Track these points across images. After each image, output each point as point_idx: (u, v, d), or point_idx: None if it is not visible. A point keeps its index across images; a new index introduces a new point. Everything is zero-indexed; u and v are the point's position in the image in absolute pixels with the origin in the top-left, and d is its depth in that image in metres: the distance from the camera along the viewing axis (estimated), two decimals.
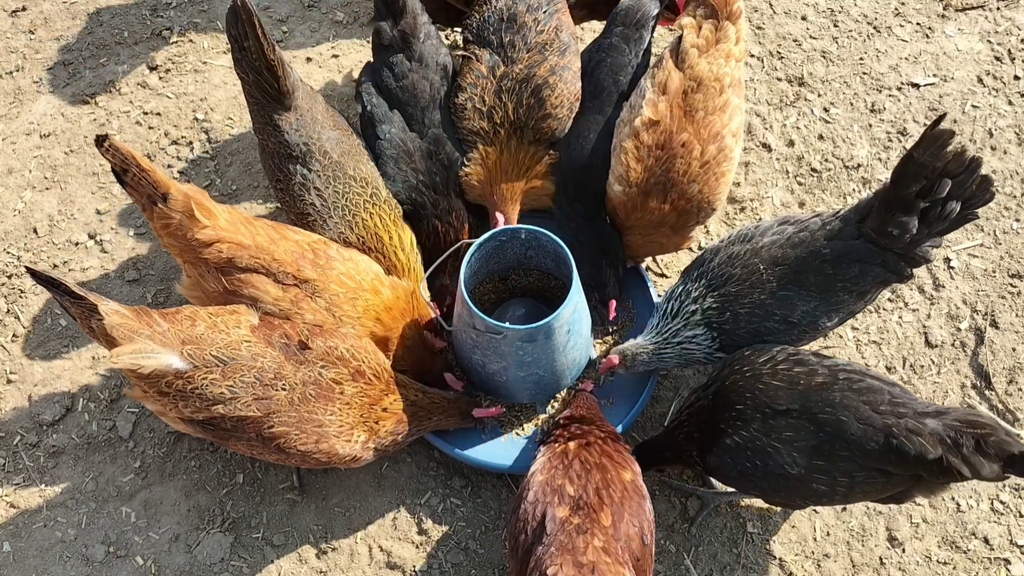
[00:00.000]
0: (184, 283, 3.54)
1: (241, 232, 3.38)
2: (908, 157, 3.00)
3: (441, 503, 3.72)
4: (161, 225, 3.38)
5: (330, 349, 3.26)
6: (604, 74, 3.82)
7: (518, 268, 3.92)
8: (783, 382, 3.09)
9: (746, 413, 3.11)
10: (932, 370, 3.97)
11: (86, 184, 4.43)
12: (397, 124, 3.84)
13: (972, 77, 4.59)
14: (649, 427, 3.87)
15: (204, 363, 3.13)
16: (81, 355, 4.02)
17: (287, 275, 3.37)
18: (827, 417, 2.99)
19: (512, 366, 3.55)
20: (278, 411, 3.16)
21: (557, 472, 3.08)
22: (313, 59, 4.72)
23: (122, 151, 3.30)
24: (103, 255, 4.26)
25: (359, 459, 3.35)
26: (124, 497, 3.74)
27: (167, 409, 3.19)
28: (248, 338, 3.20)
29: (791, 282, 3.27)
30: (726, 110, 3.59)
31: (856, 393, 3.00)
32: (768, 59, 4.64)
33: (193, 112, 4.59)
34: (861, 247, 3.19)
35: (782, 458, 3.04)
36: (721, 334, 3.41)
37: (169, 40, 4.78)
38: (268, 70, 3.48)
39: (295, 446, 3.20)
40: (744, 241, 3.41)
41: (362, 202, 3.67)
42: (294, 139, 3.61)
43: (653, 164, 3.59)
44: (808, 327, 3.34)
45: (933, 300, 4.11)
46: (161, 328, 3.15)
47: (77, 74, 4.71)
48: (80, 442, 3.85)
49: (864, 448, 2.94)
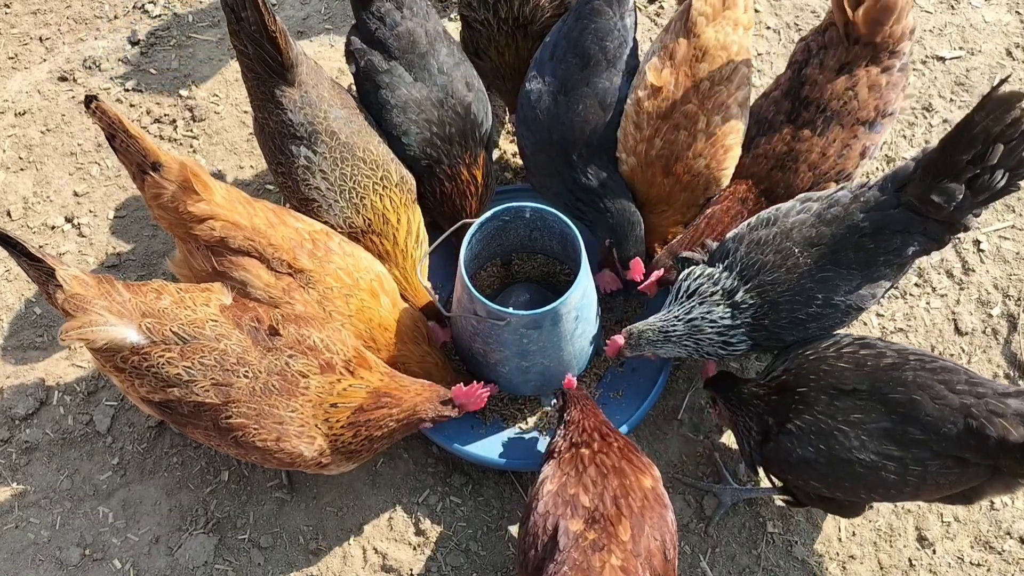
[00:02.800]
0: (175, 259, 3.37)
1: (238, 211, 3.20)
2: (968, 121, 2.79)
3: (440, 502, 3.51)
4: (152, 195, 3.20)
5: (302, 337, 3.04)
6: (590, 42, 3.54)
7: (521, 251, 3.70)
8: (849, 363, 2.93)
9: (809, 395, 2.93)
10: (962, 359, 3.75)
11: (63, 165, 4.19)
12: (398, 73, 3.59)
13: (1000, 50, 4.37)
14: (662, 421, 3.63)
15: (163, 339, 2.92)
16: (57, 345, 3.81)
17: (282, 262, 3.18)
18: (899, 397, 2.81)
19: (515, 355, 3.33)
20: (237, 400, 2.94)
21: (570, 479, 2.84)
22: (304, 32, 4.48)
23: (109, 115, 3.16)
24: (81, 239, 4.03)
25: (328, 464, 3.08)
26: (101, 496, 3.54)
27: (126, 387, 3.01)
28: (215, 317, 3.00)
29: (830, 262, 3.09)
30: (733, 80, 3.43)
31: (930, 372, 2.82)
32: (785, 31, 4.40)
33: (177, 89, 4.36)
34: (902, 216, 3.01)
35: (849, 442, 2.85)
36: (755, 329, 3.20)
37: (152, 14, 4.55)
38: (270, 41, 3.27)
39: (253, 441, 2.97)
40: (769, 225, 3.21)
41: (371, 184, 3.44)
42: (298, 118, 3.39)
43: (653, 135, 3.43)
44: (851, 307, 3.15)
45: (963, 285, 3.88)
46: (122, 298, 2.96)
47: (54, 49, 4.48)
48: (55, 437, 3.64)
49: (940, 431, 2.75)
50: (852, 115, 3.36)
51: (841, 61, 3.37)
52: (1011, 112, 2.73)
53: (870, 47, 3.32)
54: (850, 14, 3.29)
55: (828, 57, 3.39)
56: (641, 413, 3.46)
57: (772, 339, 3.22)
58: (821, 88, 3.37)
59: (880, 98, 3.35)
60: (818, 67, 3.41)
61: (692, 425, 3.65)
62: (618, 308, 3.79)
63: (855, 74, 3.35)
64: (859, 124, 3.37)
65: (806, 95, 3.40)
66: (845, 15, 3.30)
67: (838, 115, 3.36)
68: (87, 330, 2.89)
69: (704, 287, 3.21)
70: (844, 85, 3.35)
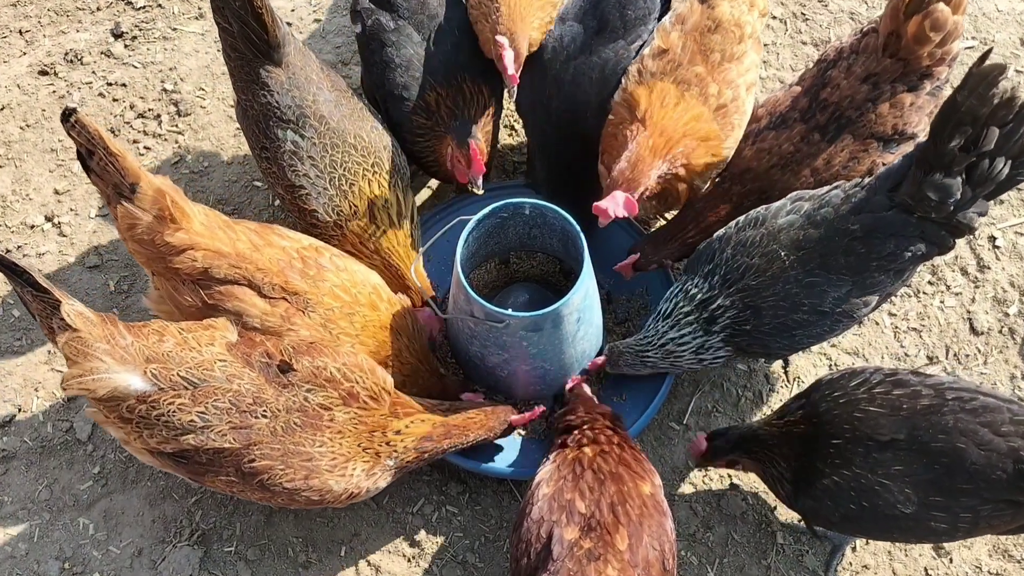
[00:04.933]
0: (151, 295, 3.18)
1: (219, 237, 3.01)
2: (950, 101, 2.63)
3: (436, 512, 3.37)
4: (126, 226, 3.01)
5: (317, 370, 2.87)
6: (610, 7, 3.44)
7: (520, 250, 3.56)
8: (883, 408, 2.71)
9: (846, 449, 2.72)
10: (978, 359, 3.61)
11: (43, 161, 4.04)
12: (406, 32, 3.46)
13: (1015, 40, 4.24)
14: (667, 425, 3.49)
15: (171, 385, 2.74)
16: (35, 349, 3.66)
17: (274, 286, 3.01)
18: (941, 446, 2.62)
19: (515, 359, 3.19)
20: (259, 442, 2.77)
21: (566, 484, 2.70)
22: (294, 24, 4.34)
23: (89, 129, 2.94)
24: (61, 239, 3.88)
25: (358, 494, 2.94)
26: (81, 507, 3.40)
27: (131, 438, 2.82)
28: (223, 356, 2.82)
29: (818, 266, 2.93)
30: (743, 61, 3.32)
31: (971, 414, 2.63)
32: (792, 21, 4.26)
33: (161, 83, 4.20)
34: (895, 218, 2.84)
35: (892, 496, 2.67)
36: (737, 335, 3.07)
37: (136, 5, 4.40)
38: (256, 18, 3.11)
39: (281, 483, 2.80)
40: (757, 225, 3.05)
41: (361, 171, 3.30)
42: (285, 100, 3.24)
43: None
44: (842, 315, 3.00)
45: (978, 283, 3.74)
46: (124, 342, 2.78)
47: (35, 42, 4.32)
48: (33, 446, 3.50)
49: (989, 478, 2.58)
50: (867, 127, 3.18)
51: (869, 70, 3.18)
52: (994, 87, 2.57)
53: (901, 63, 3.14)
54: (901, 21, 3.09)
55: (857, 63, 3.22)
56: (645, 418, 3.32)
57: (756, 345, 3.09)
58: (841, 93, 3.20)
59: (900, 117, 3.16)
60: (844, 71, 3.23)
61: (699, 429, 3.50)
62: (621, 308, 3.65)
63: (880, 87, 3.16)
64: (873, 138, 3.19)
65: (825, 98, 3.23)
66: (896, 21, 3.11)
67: (852, 124, 3.19)
68: (89, 379, 2.72)
69: (679, 306, 3.10)
70: (865, 95, 3.17)
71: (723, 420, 3.50)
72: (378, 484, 2.96)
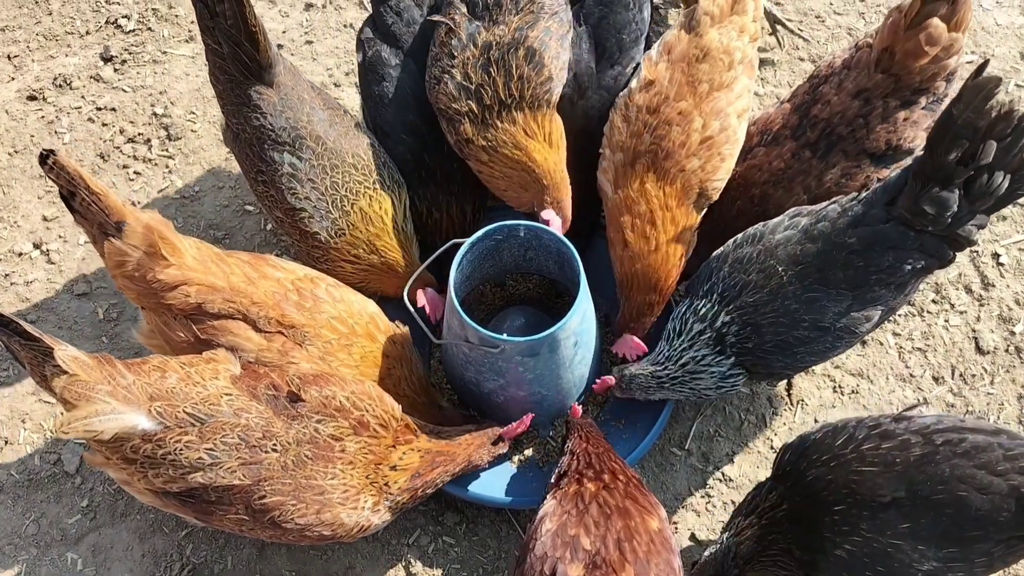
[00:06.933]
0: (142, 330, 3.10)
1: (212, 271, 2.94)
2: (946, 115, 2.59)
3: (432, 543, 3.29)
4: (115, 264, 2.93)
5: (326, 399, 2.80)
6: (608, 31, 3.37)
7: (516, 272, 3.48)
8: (876, 466, 2.63)
9: (850, 514, 2.63)
10: (984, 379, 3.54)
11: (32, 188, 3.98)
12: (408, 68, 3.38)
13: (1015, 54, 4.18)
14: (668, 451, 3.41)
15: (177, 422, 2.67)
16: (22, 380, 3.58)
17: (269, 320, 2.93)
18: (943, 497, 2.55)
19: (511, 384, 3.11)
20: (270, 477, 2.69)
21: (570, 519, 2.61)
22: (285, 46, 4.28)
23: (69, 170, 2.87)
24: (49, 266, 3.81)
25: (368, 527, 2.86)
26: (70, 541, 3.32)
27: (133, 479, 2.73)
28: (229, 390, 2.74)
29: (816, 281, 2.87)
30: (733, 87, 3.23)
31: (965, 458, 2.57)
32: (789, 38, 4.21)
33: (151, 107, 4.15)
34: (893, 231, 2.79)
35: (907, 556, 2.59)
36: (742, 353, 3.01)
37: (126, 28, 4.34)
38: (249, 38, 3.05)
39: (293, 518, 2.72)
40: (754, 242, 3.01)
41: (363, 190, 3.24)
42: (279, 122, 3.17)
43: (642, 130, 3.19)
44: (843, 331, 2.93)
45: (982, 301, 3.66)
46: (125, 381, 2.70)
47: (23, 67, 4.27)
48: (20, 479, 3.42)
49: (996, 521, 2.52)
50: (859, 144, 3.12)
51: (860, 86, 3.13)
52: (990, 100, 2.53)
53: (893, 78, 3.08)
54: (900, 37, 3.03)
55: (848, 79, 3.16)
56: (646, 444, 3.24)
57: (760, 365, 3.03)
58: (832, 109, 3.15)
59: (894, 132, 3.10)
60: (836, 87, 3.17)
61: (701, 455, 3.42)
62: None
63: (872, 103, 3.11)
64: (864, 154, 3.13)
65: (815, 114, 3.18)
66: (894, 37, 3.05)
67: (843, 140, 3.13)
68: (93, 421, 2.62)
69: (690, 324, 3.02)
70: (856, 111, 3.12)
71: (726, 445, 3.43)
72: (384, 518, 2.89)
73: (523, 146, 3.19)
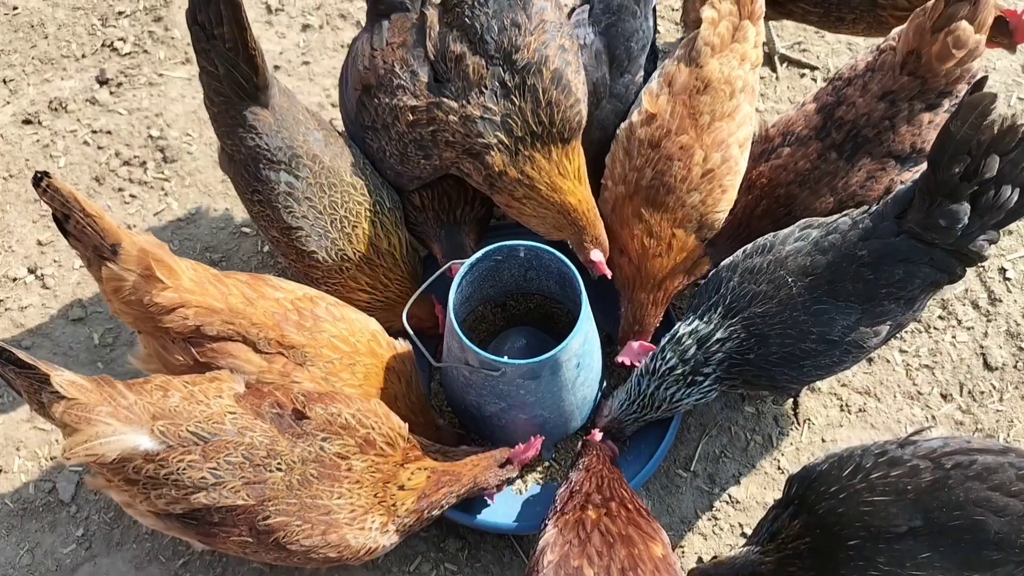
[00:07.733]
0: (139, 354, 3.06)
1: (210, 293, 2.90)
2: (945, 131, 2.60)
3: (434, 570, 3.24)
4: (112, 288, 2.88)
5: (332, 416, 2.75)
6: (617, 39, 3.35)
7: (516, 293, 3.43)
8: (888, 495, 2.57)
9: (865, 548, 2.56)
10: (993, 396, 3.49)
11: (26, 212, 3.94)
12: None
13: (1016, 67, 4.17)
14: (674, 473, 3.35)
15: (180, 442, 2.62)
16: (16, 407, 3.54)
17: (269, 341, 2.89)
18: (960, 523, 2.50)
19: (513, 407, 3.07)
20: (275, 497, 2.64)
21: (572, 549, 2.55)
22: (282, 67, 4.26)
23: (63, 193, 2.83)
24: (44, 291, 3.77)
25: (375, 549, 2.80)
26: (65, 571, 3.27)
27: (136, 500, 2.68)
28: (232, 409, 2.70)
29: (826, 293, 2.86)
30: (735, 117, 3.22)
31: (977, 480, 2.52)
32: (788, 52, 4.17)
33: (147, 129, 4.12)
34: (903, 245, 2.79)
35: None
36: (738, 364, 2.97)
37: (121, 51, 4.32)
38: (247, 60, 3.03)
39: (298, 539, 2.66)
40: (764, 252, 2.99)
41: (363, 211, 3.21)
42: (275, 142, 3.14)
43: (643, 164, 3.19)
44: (851, 345, 2.91)
45: (990, 316, 3.62)
46: (127, 401, 2.66)
47: (19, 91, 4.24)
48: (14, 508, 3.37)
49: (1016, 543, 2.47)
50: (884, 146, 3.11)
51: (886, 88, 3.11)
52: (987, 116, 2.54)
53: (920, 80, 3.07)
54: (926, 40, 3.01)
55: (873, 81, 3.14)
56: (651, 466, 3.19)
57: (762, 376, 2.99)
58: (858, 111, 3.13)
59: (919, 135, 3.09)
60: (860, 89, 3.16)
61: (707, 477, 3.37)
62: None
63: (897, 105, 3.09)
64: (890, 157, 3.12)
65: (840, 116, 3.16)
66: (920, 39, 3.03)
67: (869, 143, 3.11)
68: (95, 444, 2.58)
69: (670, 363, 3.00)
70: (882, 113, 3.10)
71: (732, 466, 3.37)
72: (392, 540, 2.84)
73: (559, 187, 3.16)
